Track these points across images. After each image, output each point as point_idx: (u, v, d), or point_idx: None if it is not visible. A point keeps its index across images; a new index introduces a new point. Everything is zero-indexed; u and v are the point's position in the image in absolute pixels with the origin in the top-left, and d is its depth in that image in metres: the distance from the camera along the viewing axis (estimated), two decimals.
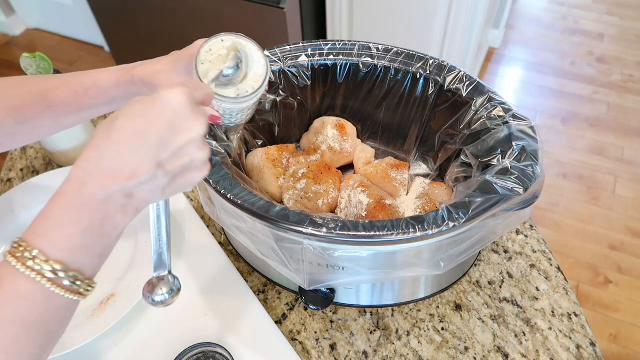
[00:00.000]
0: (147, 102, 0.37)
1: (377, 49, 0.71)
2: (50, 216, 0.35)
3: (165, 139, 0.36)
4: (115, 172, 0.35)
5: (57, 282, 0.34)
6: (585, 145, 1.97)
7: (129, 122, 0.36)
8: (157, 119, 0.36)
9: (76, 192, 0.35)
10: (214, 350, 0.56)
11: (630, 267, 1.59)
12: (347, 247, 0.51)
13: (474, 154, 0.62)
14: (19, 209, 0.75)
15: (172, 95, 0.37)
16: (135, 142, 0.35)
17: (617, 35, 2.48)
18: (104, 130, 0.36)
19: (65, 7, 2.34)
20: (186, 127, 0.37)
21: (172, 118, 0.37)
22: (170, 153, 0.37)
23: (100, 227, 0.35)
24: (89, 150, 0.36)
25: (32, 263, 0.33)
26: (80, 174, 0.35)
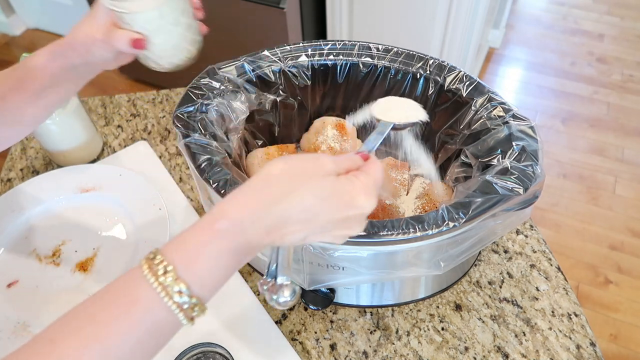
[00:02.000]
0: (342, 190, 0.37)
1: (377, 49, 0.71)
2: (205, 253, 0.35)
3: (329, 228, 0.37)
4: (275, 229, 0.36)
5: (187, 314, 0.34)
6: (585, 145, 1.97)
7: (312, 198, 0.36)
8: (337, 213, 0.37)
9: (235, 237, 0.35)
10: (214, 350, 0.56)
11: (630, 267, 1.59)
12: (347, 247, 0.51)
13: (474, 154, 0.62)
14: (19, 209, 0.75)
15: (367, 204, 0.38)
16: (306, 217, 0.36)
17: (617, 35, 2.48)
18: (287, 182, 0.36)
19: (65, 7, 2.34)
20: (351, 226, 0.39)
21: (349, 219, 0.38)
22: (321, 236, 0.38)
23: (236, 269, 0.37)
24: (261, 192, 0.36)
25: (176, 296, 0.33)
26: (246, 219, 0.35)
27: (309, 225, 0.36)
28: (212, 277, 0.35)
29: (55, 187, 0.78)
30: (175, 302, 0.33)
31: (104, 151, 0.89)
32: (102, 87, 2.28)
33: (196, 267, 0.34)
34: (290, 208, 0.35)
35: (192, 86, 0.65)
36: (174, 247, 0.35)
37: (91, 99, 0.99)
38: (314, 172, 0.37)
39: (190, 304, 0.34)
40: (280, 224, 0.36)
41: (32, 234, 0.74)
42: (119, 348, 0.32)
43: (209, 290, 0.35)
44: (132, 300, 0.33)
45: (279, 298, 0.43)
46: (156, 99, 0.98)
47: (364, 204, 0.38)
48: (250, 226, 0.35)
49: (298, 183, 0.36)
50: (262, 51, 0.71)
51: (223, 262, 0.35)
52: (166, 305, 0.33)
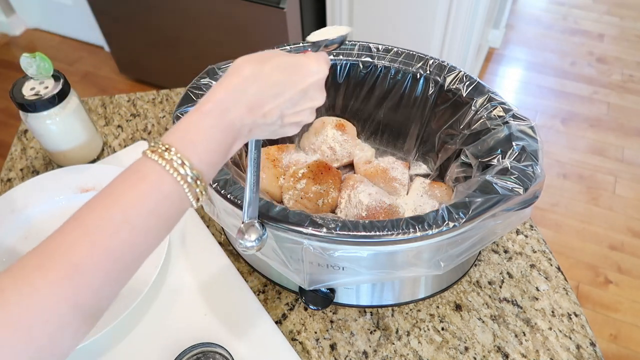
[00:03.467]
0: (298, 62, 0.43)
1: (377, 49, 0.71)
2: (198, 129, 0.39)
3: (296, 100, 0.43)
4: (254, 108, 0.41)
5: (192, 189, 0.38)
6: (585, 145, 1.97)
7: (277, 73, 0.42)
8: (299, 81, 0.43)
9: (220, 115, 0.39)
10: (214, 350, 0.56)
11: (630, 267, 1.59)
12: (347, 247, 0.51)
13: (474, 154, 0.62)
14: (19, 209, 0.75)
15: (319, 69, 0.44)
16: (276, 91, 0.42)
17: (617, 35, 2.48)
18: (253, 67, 0.41)
19: (65, 7, 2.34)
20: (314, 97, 0.45)
21: (310, 87, 0.44)
22: (294, 111, 0.44)
23: (228, 149, 0.41)
24: (234, 79, 0.41)
25: (180, 167, 0.37)
26: (226, 99, 0.40)
27: (280, 99, 0.42)
28: (208, 151, 0.39)
29: (55, 187, 0.78)
30: (180, 174, 0.37)
31: (104, 151, 0.89)
32: (102, 87, 2.28)
33: (192, 143, 0.38)
34: (262, 84, 0.41)
35: (192, 86, 0.65)
36: (169, 133, 0.39)
37: (91, 99, 0.99)
38: (273, 53, 0.43)
39: (192, 176, 0.37)
40: (257, 102, 0.41)
41: (32, 234, 0.74)
42: (138, 215, 0.36)
43: (207, 166, 0.39)
44: (141, 176, 0.37)
45: (245, 242, 0.47)
46: (156, 99, 0.98)
47: (317, 68, 0.44)
48: (232, 106, 0.40)
49: (263, 63, 0.42)
50: None
51: (214, 137, 0.39)
52: (172, 176, 0.37)
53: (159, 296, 0.67)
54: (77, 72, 2.36)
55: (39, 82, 0.76)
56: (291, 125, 0.46)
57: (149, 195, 0.36)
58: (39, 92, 0.75)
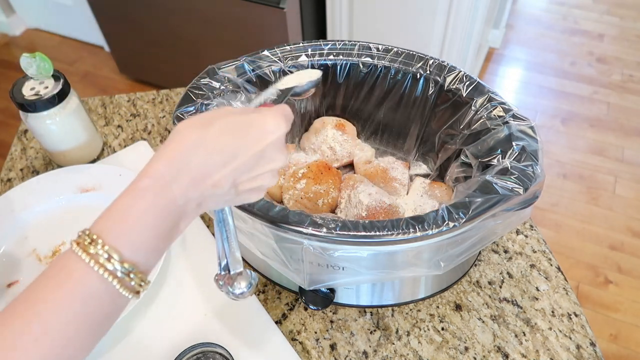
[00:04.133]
0: (250, 121, 0.38)
1: (377, 49, 0.71)
2: (130, 214, 0.34)
3: (251, 165, 0.38)
4: (200, 180, 0.36)
5: (125, 283, 0.33)
6: (585, 145, 1.97)
7: (225, 136, 0.36)
8: (254, 144, 0.37)
9: (159, 192, 0.34)
10: (214, 350, 0.56)
11: (630, 267, 1.59)
12: (347, 247, 0.51)
13: (474, 154, 0.62)
14: (19, 209, 0.75)
15: (276, 126, 0.38)
16: (225, 158, 0.36)
17: (617, 35, 2.48)
18: (196, 132, 0.36)
19: (65, 7, 2.34)
20: (273, 157, 0.39)
21: (267, 149, 0.38)
22: (249, 176, 0.39)
23: (171, 230, 0.36)
24: (175, 146, 0.36)
25: (106, 263, 0.32)
26: (165, 172, 0.35)
27: (231, 166, 0.37)
28: (143, 239, 0.34)
29: (55, 187, 0.78)
30: (107, 270, 0.32)
31: (104, 151, 0.89)
32: (102, 87, 2.28)
33: (124, 231, 0.33)
34: (207, 151, 0.36)
35: (192, 86, 0.65)
36: (100, 218, 0.34)
37: (91, 99, 0.99)
38: (220, 114, 0.38)
39: (124, 271, 0.33)
40: (203, 173, 0.36)
41: (32, 234, 0.74)
42: (59, 322, 0.31)
43: (144, 255, 0.34)
44: (64, 275, 0.33)
45: (235, 290, 0.44)
46: (156, 99, 0.98)
47: (273, 128, 0.38)
48: (172, 180, 0.35)
49: (208, 127, 0.36)
50: (262, 51, 0.71)
51: (151, 221, 0.34)
52: (98, 273, 0.32)
53: (159, 296, 0.67)
54: (77, 72, 2.36)
55: (39, 82, 0.76)
56: (249, 192, 0.40)
57: (73, 297, 0.32)
58: (39, 92, 0.75)
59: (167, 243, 0.36)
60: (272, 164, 0.39)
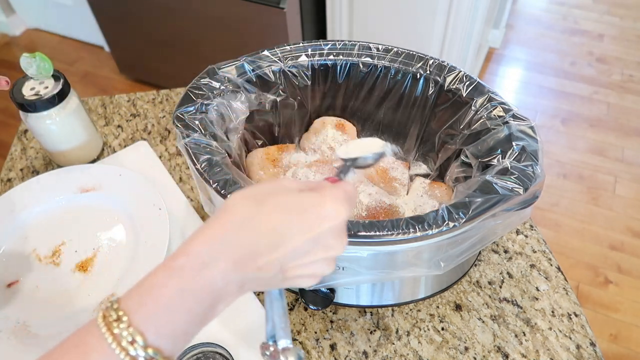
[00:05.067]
0: (308, 203, 0.34)
1: (377, 49, 0.71)
2: (161, 294, 0.31)
3: (303, 251, 0.34)
4: (243, 263, 0.32)
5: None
6: (585, 145, 1.97)
7: (278, 215, 0.33)
8: (307, 230, 0.33)
9: (196, 274, 0.31)
10: (214, 350, 0.56)
11: (630, 267, 1.59)
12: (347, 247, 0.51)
13: (474, 154, 0.62)
14: (19, 209, 0.75)
15: (336, 213, 0.34)
16: (275, 241, 0.33)
17: (617, 35, 2.48)
18: (246, 210, 0.33)
19: (65, 7, 2.34)
20: (329, 245, 0.35)
21: (323, 235, 0.34)
22: (300, 264, 0.35)
23: (206, 314, 0.33)
24: (221, 223, 0.33)
25: (129, 346, 0.30)
26: (204, 252, 0.32)
27: (280, 251, 0.33)
28: (172, 324, 0.31)
29: (55, 187, 0.78)
30: (129, 355, 0.29)
31: (104, 151, 0.89)
32: (102, 87, 2.28)
33: (151, 313, 0.30)
34: (254, 232, 0.32)
35: (192, 86, 0.65)
36: (130, 292, 0.32)
37: (91, 99, 0.99)
38: (276, 190, 0.34)
39: (146, 356, 0.30)
40: (248, 255, 0.32)
41: (32, 234, 0.74)
42: None
43: (171, 341, 0.31)
44: (84, 351, 0.30)
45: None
46: (156, 99, 0.98)
47: (332, 213, 0.34)
48: (211, 261, 0.31)
49: (260, 205, 0.33)
50: (262, 51, 0.71)
51: (183, 305, 0.31)
52: (119, 357, 0.30)
53: None
54: (77, 72, 2.36)
55: (39, 82, 0.76)
56: (299, 278, 0.36)
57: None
58: (39, 92, 0.75)
59: (200, 327, 0.33)
60: (328, 252, 0.35)
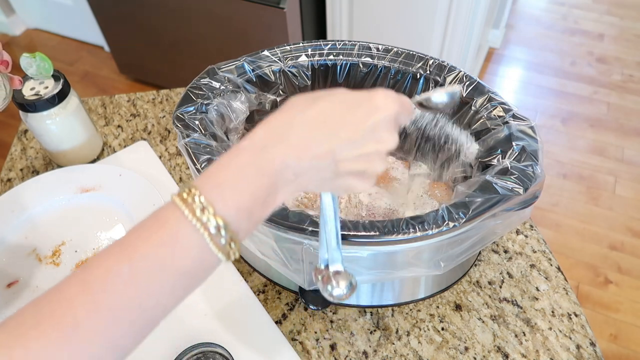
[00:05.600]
0: (360, 98, 0.37)
1: (377, 49, 0.71)
2: (227, 168, 0.34)
3: (357, 140, 0.36)
4: (299, 148, 0.35)
5: (215, 239, 0.33)
6: (585, 145, 1.97)
7: (332, 109, 0.36)
8: (361, 119, 0.36)
9: (257, 153, 0.34)
10: (214, 350, 0.56)
11: (630, 267, 1.59)
12: (347, 247, 0.51)
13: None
14: (19, 209, 0.75)
15: (386, 104, 0.37)
16: (329, 129, 0.35)
17: (617, 35, 2.48)
18: (304, 103, 0.36)
19: (65, 7, 2.34)
20: (382, 137, 0.37)
21: (376, 125, 0.37)
22: (353, 155, 0.36)
23: (267, 196, 0.35)
24: (281, 115, 0.36)
25: (200, 213, 0.32)
26: (266, 135, 0.35)
27: (334, 140, 0.35)
28: (237, 193, 0.33)
29: (55, 187, 0.78)
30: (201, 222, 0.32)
31: (104, 151, 0.89)
32: (102, 87, 2.28)
33: (218, 185, 0.33)
34: (311, 122, 0.35)
35: (192, 86, 0.65)
36: (201, 174, 0.35)
37: (91, 99, 0.99)
38: (331, 91, 0.37)
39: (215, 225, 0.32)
40: (304, 142, 0.35)
41: (32, 234, 0.74)
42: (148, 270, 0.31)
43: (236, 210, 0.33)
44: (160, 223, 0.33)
45: (333, 290, 0.42)
46: (156, 99, 0.98)
47: (383, 105, 0.37)
48: (271, 144, 0.34)
49: (317, 100, 0.36)
50: (262, 51, 0.71)
51: (245, 176, 0.34)
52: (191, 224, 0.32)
53: None
54: (77, 72, 2.36)
55: (39, 82, 0.76)
56: (352, 176, 0.37)
57: (164, 245, 0.32)
58: (39, 92, 0.75)
59: (261, 210, 0.35)
60: (380, 144, 0.37)
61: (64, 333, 0.29)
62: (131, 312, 0.31)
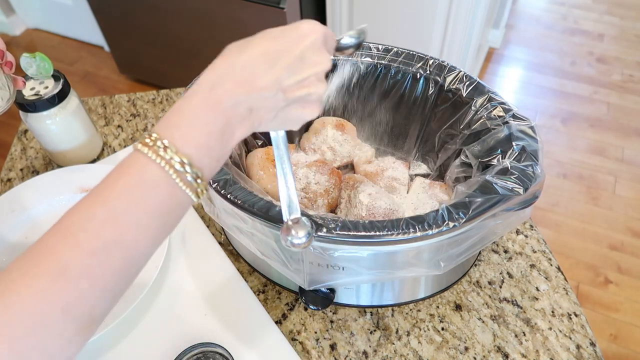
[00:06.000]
0: (287, 29, 0.40)
1: (377, 49, 0.71)
2: (181, 112, 0.36)
3: (295, 66, 0.39)
4: (243, 82, 0.37)
5: (182, 176, 0.35)
6: (585, 145, 1.97)
7: (264, 42, 0.39)
8: (293, 46, 0.39)
9: (206, 94, 0.37)
10: (214, 350, 0.56)
11: (630, 267, 1.59)
12: (347, 247, 0.51)
13: (474, 154, 0.62)
14: (19, 209, 0.75)
15: (312, 29, 0.40)
16: (267, 61, 0.38)
17: (617, 35, 2.48)
18: (237, 46, 0.39)
19: (65, 7, 2.34)
20: (316, 60, 0.40)
21: (307, 49, 0.39)
22: (295, 80, 0.39)
23: (223, 132, 0.37)
24: (219, 60, 0.38)
25: (163, 152, 0.34)
26: (211, 79, 0.37)
27: (274, 69, 0.38)
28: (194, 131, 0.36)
29: (55, 187, 0.78)
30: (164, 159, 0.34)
31: (104, 151, 0.89)
32: (102, 87, 2.28)
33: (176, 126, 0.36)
34: (250, 56, 0.38)
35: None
36: (159, 120, 0.37)
37: (91, 99, 0.99)
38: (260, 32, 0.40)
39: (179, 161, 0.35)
40: (247, 76, 0.37)
41: (32, 234, 0.74)
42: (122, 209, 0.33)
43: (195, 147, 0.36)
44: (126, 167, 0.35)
45: (293, 239, 0.44)
46: (156, 99, 0.98)
47: (308, 30, 0.40)
48: (218, 83, 0.37)
49: (249, 40, 0.39)
50: None
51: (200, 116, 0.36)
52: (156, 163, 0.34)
53: (159, 296, 0.67)
54: (77, 72, 2.36)
55: (39, 82, 0.76)
56: (300, 103, 0.41)
57: (134, 186, 0.34)
58: (39, 92, 0.75)
59: (220, 146, 0.37)
60: (316, 66, 0.40)
61: (51, 277, 0.31)
62: (112, 251, 0.33)
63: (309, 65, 0.40)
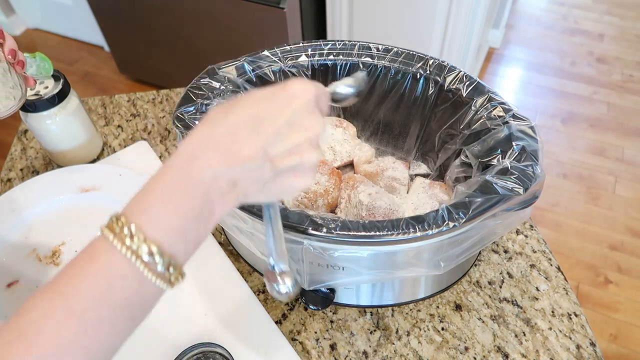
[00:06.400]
0: (275, 91, 0.36)
1: (377, 49, 0.71)
2: (154, 189, 0.32)
3: (283, 131, 0.35)
4: (225, 151, 0.33)
5: (151, 267, 0.31)
6: (585, 145, 1.97)
7: (250, 106, 0.35)
8: (281, 109, 0.35)
9: (183, 167, 0.33)
10: (214, 350, 0.56)
11: (630, 267, 1.59)
12: (347, 247, 0.51)
13: (474, 154, 0.62)
14: (19, 209, 0.75)
15: (302, 90, 0.36)
16: (252, 127, 0.34)
17: (617, 35, 2.48)
18: (222, 110, 0.35)
19: (65, 7, 2.34)
20: (307, 124, 0.36)
21: (296, 112, 0.35)
22: (284, 148, 0.35)
23: (200, 210, 0.33)
24: (201, 126, 0.34)
25: (129, 241, 0.31)
26: (190, 148, 0.33)
27: (260, 136, 0.34)
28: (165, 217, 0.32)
29: (55, 187, 0.78)
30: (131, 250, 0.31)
31: (104, 151, 0.89)
32: (102, 87, 2.28)
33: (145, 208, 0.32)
34: (233, 124, 0.34)
35: (192, 86, 0.65)
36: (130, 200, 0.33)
37: (91, 99, 0.99)
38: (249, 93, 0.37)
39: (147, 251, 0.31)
40: (230, 145, 0.33)
41: (32, 234, 0.74)
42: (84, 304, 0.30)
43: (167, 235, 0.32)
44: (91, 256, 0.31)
45: (280, 288, 0.42)
46: (156, 99, 0.98)
47: (299, 92, 0.36)
48: (199, 153, 0.33)
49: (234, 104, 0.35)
50: (262, 51, 0.71)
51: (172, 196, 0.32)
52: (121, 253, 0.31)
53: None
54: (77, 72, 2.36)
55: (39, 82, 0.76)
56: (291, 173, 0.36)
57: (97, 278, 0.30)
58: (39, 92, 0.75)
59: (197, 228, 0.33)
60: (307, 132, 0.36)
61: None
62: (70, 352, 0.30)
63: (300, 130, 0.35)
